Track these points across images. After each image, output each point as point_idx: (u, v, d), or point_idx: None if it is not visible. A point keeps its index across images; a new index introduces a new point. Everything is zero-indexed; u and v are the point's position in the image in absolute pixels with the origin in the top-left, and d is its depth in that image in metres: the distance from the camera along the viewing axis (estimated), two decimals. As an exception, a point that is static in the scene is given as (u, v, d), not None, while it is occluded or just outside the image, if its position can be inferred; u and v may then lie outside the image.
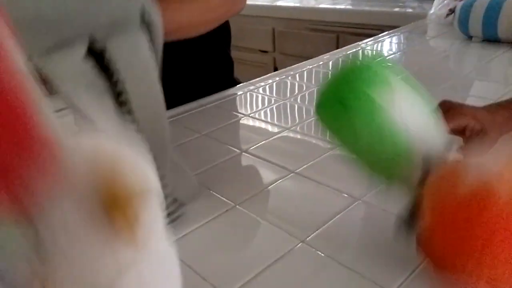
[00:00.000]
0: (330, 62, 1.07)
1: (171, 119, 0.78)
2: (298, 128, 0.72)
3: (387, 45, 1.22)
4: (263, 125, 0.75)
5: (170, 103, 0.77)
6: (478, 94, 0.83)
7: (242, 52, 1.86)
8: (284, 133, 0.70)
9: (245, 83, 0.95)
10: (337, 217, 0.49)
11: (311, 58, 1.10)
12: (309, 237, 0.46)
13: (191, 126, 0.74)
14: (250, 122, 0.76)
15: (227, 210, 0.51)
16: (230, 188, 0.55)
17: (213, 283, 0.41)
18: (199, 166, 0.61)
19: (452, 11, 1.23)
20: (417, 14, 1.51)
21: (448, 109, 0.50)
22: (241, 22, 0.95)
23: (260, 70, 2.21)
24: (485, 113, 0.52)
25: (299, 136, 0.69)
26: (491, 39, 1.10)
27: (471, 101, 0.82)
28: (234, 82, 0.97)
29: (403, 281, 0.39)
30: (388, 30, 1.33)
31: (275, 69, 2.04)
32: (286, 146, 0.67)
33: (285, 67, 1.04)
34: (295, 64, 1.05)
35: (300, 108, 0.81)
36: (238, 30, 0.92)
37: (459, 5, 1.14)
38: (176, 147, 0.67)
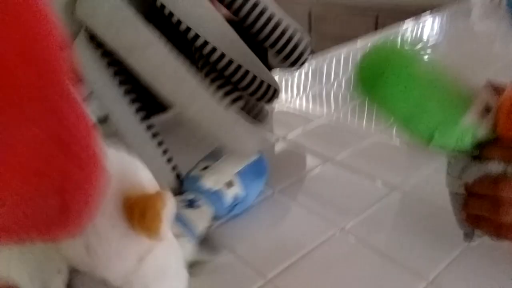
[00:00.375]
0: (368, 45, 1.05)
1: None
2: (335, 115, 0.72)
3: (429, 26, 1.18)
4: (298, 112, 0.75)
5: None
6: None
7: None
8: (322, 120, 0.71)
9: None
10: (375, 205, 0.49)
11: (348, 40, 1.08)
12: (348, 225, 0.47)
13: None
14: (285, 109, 0.77)
15: (266, 197, 0.52)
16: (269, 175, 0.56)
17: (254, 267, 0.42)
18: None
19: (499, -9, 1.17)
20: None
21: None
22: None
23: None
24: None
25: (336, 123, 0.70)
26: (541, 20, 1.05)
27: None
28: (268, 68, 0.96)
29: (441, 270, 0.40)
30: (431, 10, 1.29)
31: (311, 52, 2.01)
32: (324, 133, 0.67)
33: (321, 50, 1.03)
34: (332, 47, 1.04)
35: (336, 94, 0.81)
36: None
37: (508, -15, 1.09)
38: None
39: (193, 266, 0.40)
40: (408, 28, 1.15)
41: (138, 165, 0.31)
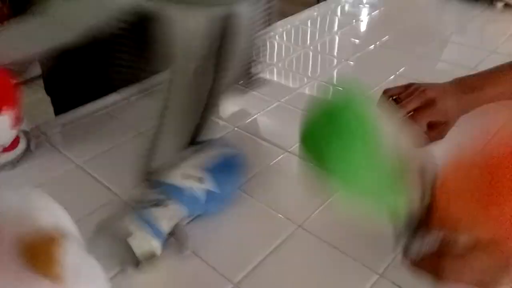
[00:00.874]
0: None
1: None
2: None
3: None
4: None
5: None
6: (451, 60, 0.87)
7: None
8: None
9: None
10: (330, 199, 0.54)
11: None
12: (306, 222, 0.51)
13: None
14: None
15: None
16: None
17: (220, 272, 0.46)
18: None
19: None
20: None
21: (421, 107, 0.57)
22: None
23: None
24: (450, 102, 0.57)
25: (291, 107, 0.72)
26: (470, -5, 1.12)
27: (442, 66, 0.86)
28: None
29: (389, 263, 0.46)
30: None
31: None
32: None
33: None
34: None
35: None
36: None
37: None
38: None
39: (147, 259, 0.44)
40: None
41: (40, 207, 0.31)
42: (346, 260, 0.47)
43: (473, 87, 0.59)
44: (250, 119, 0.69)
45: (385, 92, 0.61)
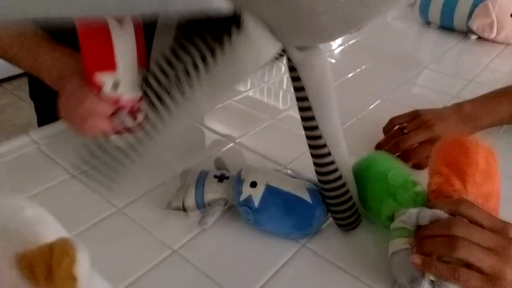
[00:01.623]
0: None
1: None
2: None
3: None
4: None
5: None
6: (430, 86, 0.91)
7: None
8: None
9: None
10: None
11: None
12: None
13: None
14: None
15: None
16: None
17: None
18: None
19: (414, -5, 1.28)
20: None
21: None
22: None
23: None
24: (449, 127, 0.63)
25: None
26: (447, 27, 1.18)
27: (421, 91, 0.90)
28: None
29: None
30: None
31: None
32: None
33: None
34: None
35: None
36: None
37: (422, -10, 1.20)
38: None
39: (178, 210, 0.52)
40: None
41: (37, 219, 0.28)
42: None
43: (472, 118, 0.65)
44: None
45: (392, 120, 0.65)
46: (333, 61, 1.02)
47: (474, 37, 1.14)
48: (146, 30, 0.49)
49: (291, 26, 0.38)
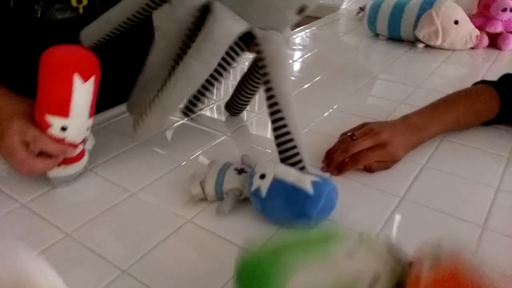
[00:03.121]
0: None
1: (104, 124, 0.78)
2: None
3: (301, 41, 1.29)
4: (201, 132, 0.78)
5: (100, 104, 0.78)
6: (380, 95, 0.94)
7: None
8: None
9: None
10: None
11: None
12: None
13: (126, 132, 0.75)
14: (187, 128, 0.79)
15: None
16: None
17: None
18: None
19: (362, 9, 1.33)
20: (328, 7, 1.60)
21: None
22: None
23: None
24: (399, 144, 0.66)
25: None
26: (395, 38, 1.22)
27: (371, 100, 0.92)
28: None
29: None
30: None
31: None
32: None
33: None
34: None
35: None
36: None
37: (369, 3, 1.25)
38: (115, 156, 0.68)
39: (199, 198, 0.58)
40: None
41: (37, 273, 0.29)
42: None
43: (418, 127, 0.69)
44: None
45: (344, 133, 0.70)
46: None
47: (421, 45, 1.19)
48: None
49: (250, 10, 0.57)
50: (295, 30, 1.32)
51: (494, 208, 0.58)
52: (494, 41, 1.20)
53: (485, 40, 1.19)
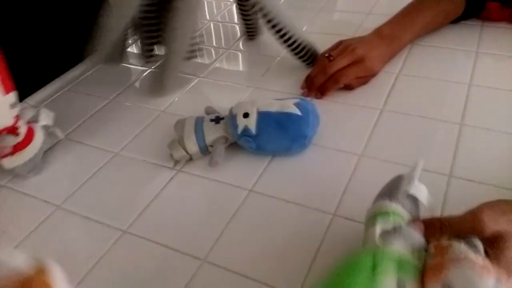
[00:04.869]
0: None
1: (68, 87, 0.74)
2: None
3: None
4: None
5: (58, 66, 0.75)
6: (346, 8, 0.92)
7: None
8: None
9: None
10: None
11: None
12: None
13: (93, 92, 0.72)
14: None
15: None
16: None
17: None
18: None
19: None
20: None
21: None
22: None
23: None
24: (376, 57, 0.66)
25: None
26: None
27: (338, 16, 0.90)
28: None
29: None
30: None
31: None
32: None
33: None
34: None
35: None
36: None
37: None
38: (88, 119, 0.66)
39: (183, 160, 0.56)
40: None
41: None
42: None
43: (392, 38, 0.68)
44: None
45: (321, 54, 0.68)
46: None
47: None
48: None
49: None
50: None
51: (469, 104, 0.60)
52: None
53: None
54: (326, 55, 0.65)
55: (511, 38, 0.73)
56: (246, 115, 0.53)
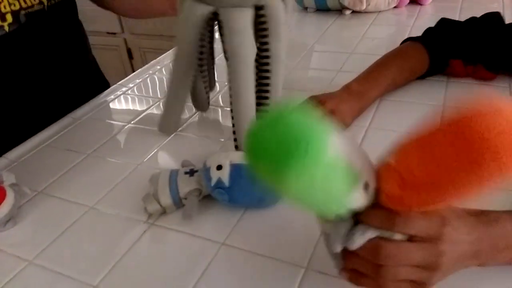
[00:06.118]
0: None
1: (47, 142, 0.75)
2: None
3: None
4: (148, 133, 0.77)
5: (40, 122, 0.76)
6: (318, 66, 0.97)
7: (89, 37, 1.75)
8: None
9: (114, 85, 0.95)
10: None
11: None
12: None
13: (72, 147, 0.73)
14: (134, 131, 0.78)
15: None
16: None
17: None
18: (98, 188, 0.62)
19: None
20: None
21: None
22: (81, 4, 0.91)
23: (115, 54, 2.11)
24: (345, 111, 0.69)
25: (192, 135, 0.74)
26: (323, 8, 1.25)
27: (312, 73, 0.95)
28: (105, 83, 0.99)
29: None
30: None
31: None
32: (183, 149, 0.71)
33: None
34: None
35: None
36: (80, 13, 0.91)
37: (292, -22, 1.26)
38: (65, 173, 0.67)
39: (157, 213, 0.56)
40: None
41: None
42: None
43: (360, 94, 0.72)
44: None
45: None
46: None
47: (348, 12, 1.22)
48: None
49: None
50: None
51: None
52: (415, -3, 1.25)
53: (406, -2, 1.24)
54: None
55: (475, 93, 0.77)
56: (219, 167, 0.54)
